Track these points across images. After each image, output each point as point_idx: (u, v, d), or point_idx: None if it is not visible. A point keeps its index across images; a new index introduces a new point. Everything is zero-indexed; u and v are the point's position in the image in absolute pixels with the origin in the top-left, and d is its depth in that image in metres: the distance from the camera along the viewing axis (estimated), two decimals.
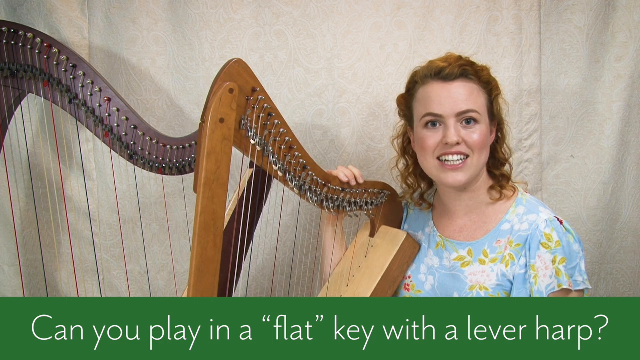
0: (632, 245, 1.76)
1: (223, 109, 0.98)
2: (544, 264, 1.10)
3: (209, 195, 0.99)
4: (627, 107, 1.68)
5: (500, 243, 1.16)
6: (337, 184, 1.21)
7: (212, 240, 1.00)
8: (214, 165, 0.98)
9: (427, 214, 1.32)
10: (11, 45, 1.17)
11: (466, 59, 1.17)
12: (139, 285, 1.65)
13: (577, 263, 1.10)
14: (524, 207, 1.17)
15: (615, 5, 1.64)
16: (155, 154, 1.25)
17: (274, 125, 1.07)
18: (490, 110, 1.18)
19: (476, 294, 1.15)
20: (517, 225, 1.15)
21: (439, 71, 1.14)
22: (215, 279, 1.02)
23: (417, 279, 1.27)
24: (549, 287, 1.09)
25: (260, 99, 1.04)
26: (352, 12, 1.57)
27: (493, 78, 1.20)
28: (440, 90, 1.14)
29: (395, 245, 1.27)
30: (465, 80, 1.14)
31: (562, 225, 1.12)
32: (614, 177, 1.71)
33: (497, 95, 1.19)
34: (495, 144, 1.23)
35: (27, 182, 1.56)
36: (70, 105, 1.22)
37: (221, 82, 0.99)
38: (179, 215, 1.62)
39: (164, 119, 1.58)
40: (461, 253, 1.21)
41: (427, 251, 1.28)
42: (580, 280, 1.10)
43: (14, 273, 1.60)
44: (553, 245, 1.09)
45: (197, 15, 1.53)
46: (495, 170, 1.22)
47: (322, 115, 1.61)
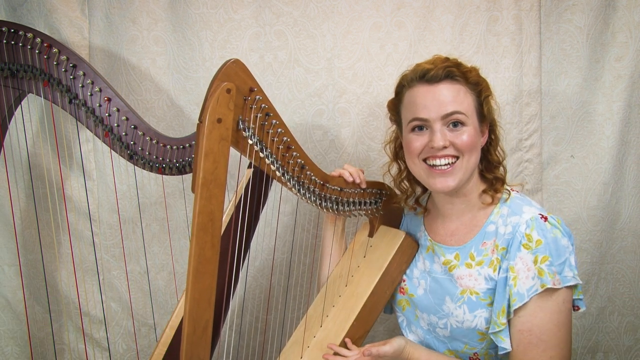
0: (632, 245, 1.76)
1: (220, 109, 0.98)
2: (526, 265, 1.08)
3: (207, 195, 0.98)
4: (627, 107, 1.68)
5: (486, 245, 1.15)
6: (335, 183, 1.21)
7: (209, 240, 1.00)
8: (211, 166, 0.98)
9: (419, 218, 1.32)
10: (11, 45, 1.17)
11: (453, 60, 1.15)
12: (139, 285, 1.65)
13: (566, 258, 1.07)
14: (507, 208, 1.15)
15: (615, 5, 1.64)
16: (155, 154, 1.25)
17: (271, 125, 1.07)
18: (479, 111, 1.15)
19: (467, 298, 1.14)
20: (501, 227, 1.14)
21: (424, 73, 1.13)
22: (213, 280, 1.01)
23: (411, 283, 1.27)
24: (531, 289, 1.06)
25: (258, 99, 1.04)
26: (352, 12, 1.57)
27: (482, 79, 1.17)
28: (425, 93, 1.13)
29: (394, 245, 1.27)
30: (451, 82, 1.12)
31: (546, 221, 1.09)
32: (614, 177, 1.71)
33: (487, 96, 1.16)
34: (488, 146, 1.20)
35: (27, 182, 1.56)
36: (70, 105, 1.22)
37: (218, 82, 0.98)
38: (179, 215, 1.62)
39: (164, 119, 1.58)
40: (448, 257, 1.20)
41: (418, 255, 1.28)
42: (570, 276, 1.07)
43: (14, 273, 1.60)
44: (534, 245, 1.07)
45: (197, 15, 1.53)
46: (488, 173, 1.19)
47: (322, 115, 1.61)
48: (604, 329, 1.80)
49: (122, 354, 1.68)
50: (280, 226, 1.63)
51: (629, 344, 1.81)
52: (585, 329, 1.78)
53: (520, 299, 1.07)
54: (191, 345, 1.00)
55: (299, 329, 1.31)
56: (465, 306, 1.14)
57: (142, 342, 1.68)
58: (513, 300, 1.08)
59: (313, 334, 1.26)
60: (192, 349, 1.00)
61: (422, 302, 1.23)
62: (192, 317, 1.00)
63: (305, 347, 1.24)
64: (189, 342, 1.00)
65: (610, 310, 1.79)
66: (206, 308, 1.01)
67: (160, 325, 1.65)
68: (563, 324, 1.07)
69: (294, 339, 1.29)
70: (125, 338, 1.67)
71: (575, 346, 1.79)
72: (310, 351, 1.23)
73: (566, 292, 1.07)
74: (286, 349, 1.28)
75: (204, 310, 1.01)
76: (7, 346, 1.64)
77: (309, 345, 1.24)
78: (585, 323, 1.78)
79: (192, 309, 1.00)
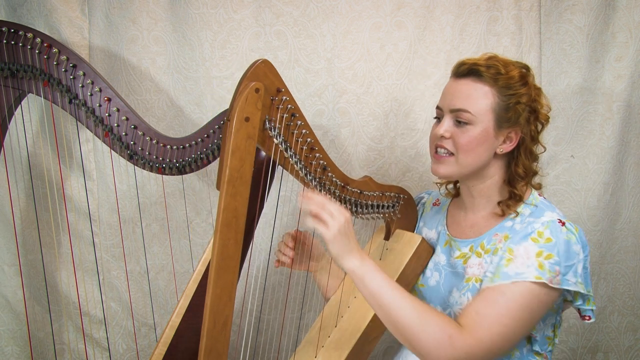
0: (632, 245, 1.76)
1: (249, 108, 1.00)
2: (527, 253, 1.06)
3: (232, 192, 1.00)
4: (627, 107, 1.68)
5: (498, 236, 1.15)
6: (355, 186, 1.21)
7: (233, 237, 1.01)
8: (238, 163, 1.00)
9: (443, 213, 1.32)
10: (11, 45, 1.17)
11: (493, 59, 1.13)
12: (139, 286, 1.65)
13: (574, 264, 1.06)
14: (529, 210, 1.15)
15: (615, 5, 1.64)
16: (155, 154, 1.26)
17: (296, 125, 1.09)
18: (500, 115, 1.12)
19: (472, 286, 1.14)
20: (518, 225, 1.14)
21: (457, 68, 1.16)
22: (235, 276, 1.03)
23: (423, 274, 1.28)
24: (520, 274, 1.04)
25: (285, 99, 1.06)
26: (352, 12, 1.57)
27: (518, 85, 1.12)
28: (449, 86, 1.17)
29: (410, 249, 1.27)
30: (475, 80, 1.12)
31: (563, 226, 1.08)
32: (614, 177, 1.71)
33: (517, 103, 1.12)
34: (514, 156, 1.17)
35: (27, 182, 1.56)
36: (70, 105, 1.22)
37: (247, 81, 1.01)
38: (179, 215, 1.62)
39: (164, 119, 1.58)
40: (463, 250, 1.20)
41: (435, 248, 1.29)
42: (572, 281, 1.05)
43: (14, 273, 1.60)
44: (542, 241, 1.06)
45: (197, 15, 1.53)
46: (508, 185, 1.17)
47: (322, 115, 1.61)
48: (604, 329, 1.80)
49: (122, 354, 1.68)
50: (281, 226, 1.63)
51: (629, 344, 1.81)
52: (585, 329, 1.78)
53: (504, 278, 1.05)
54: (211, 339, 1.02)
55: (314, 328, 1.32)
56: (469, 293, 1.14)
57: (142, 342, 1.68)
58: (496, 276, 1.06)
59: (328, 334, 1.27)
60: (212, 343, 1.02)
61: (432, 293, 1.24)
62: (213, 312, 1.02)
63: (319, 347, 1.25)
64: (209, 337, 1.01)
65: (610, 310, 1.79)
66: (227, 303, 1.03)
67: (160, 325, 1.65)
68: (520, 318, 1.04)
69: (307, 339, 1.31)
70: (125, 338, 1.67)
71: (575, 346, 1.79)
72: (325, 351, 1.24)
73: (553, 292, 1.05)
74: (300, 348, 1.29)
75: (224, 306, 1.03)
76: (7, 346, 1.64)
77: (324, 345, 1.25)
78: (585, 323, 1.78)
79: (214, 304, 1.02)
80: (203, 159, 1.25)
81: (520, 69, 1.15)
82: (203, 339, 1.02)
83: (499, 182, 1.19)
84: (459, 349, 1.01)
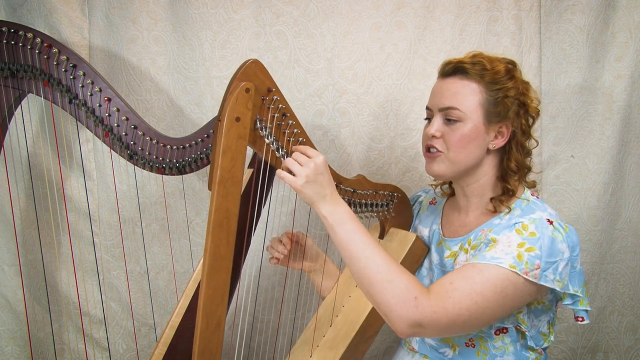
0: (632, 245, 1.76)
1: (239, 108, 1.00)
2: (509, 241, 1.05)
3: (224, 193, 1.00)
4: (627, 107, 1.68)
5: (484, 232, 1.14)
6: (348, 185, 1.21)
7: (225, 237, 1.02)
8: (229, 164, 1.00)
9: (439, 212, 1.32)
10: (11, 45, 1.17)
11: (479, 57, 1.14)
12: (139, 286, 1.65)
13: (556, 261, 1.04)
14: (520, 210, 1.14)
15: (615, 5, 1.64)
16: (155, 154, 1.26)
17: (288, 125, 1.09)
18: (489, 111, 1.12)
19: None
20: (505, 221, 1.13)
21: (443, 67, 1.17)
22: (227, 276, 1.03)
23: (419, 274, 1.28)
24: (496, 259, 1.02)
25: (276, 99, 1.06)
26: (352, 12, 1.57)
27: (504, 79, 1.13)
28: (436, 86, 1.18)
29: (404, 247, 1.27)
30: (462, 77, 1.13)
31: (551, 224, 1.07)
32: (614, 177, 1.71)
33: (505, 97, 1.12)
34: (506, 151, 1.16)
35: (27, 182, 1.56)
36: (70, 105, 1.22)
37: (238, 81, 1.01)
38: (179, 215, 1.62)
39: (164, 119, 1.58)
40: (454, 249, 1.20)
41: (430, 247, 1.29)
42: (550, 278, 1.04)
43: (14, 273, 1.60)
44: (526, 234, 1.05)
45: (197, 15, 1.53)
46: (501, 180, 1.17)
47: (322, 115, 1.61)
48: (604, 329, 1.80)
49: (122, 354, 1.68)
50: (279, 226, 1.63)
51: (629, 344, 1.81)
52: (585, 329, 1.78)
53: (481, 259, 1.04)
54: (204, 340, 1.02)
55: (309, 328, 1.31)
56: None
57: (142, 342, 1.68)
58: (475, 257, 1.06)
59: (323, 333, 1.26)
60: (205, 343, 1.02)
61: None
62: (206, 313, 1.02)
63: (314, 346, 1.25)
64: (203, 337, 1.02)
65: (610, 310, 1.79)
66: (219, 304, 1.03)
67: (160, 325, 1.65)
68: (493, 300, 1.02)
69: (303, 338, 1.31)
70: (125, 338, 1.67)
71: (575, 346, 1.79)
72: (320, 350, 1.24)
73: (527, 284, 1.03)
74: (295, 347, 1.29)
75: (217, 306, 1.03)
76: (7, 346, 1.64)
77: (319, 345, 1.25)
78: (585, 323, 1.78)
79: (207, 304, 1.02)
80: (203, 159, 1.25)
81: (506, 64, 1.15)
82: (196, 339, 1.02)
83: (493, 180, 1.19)
84: (422, 312, 0.99)
